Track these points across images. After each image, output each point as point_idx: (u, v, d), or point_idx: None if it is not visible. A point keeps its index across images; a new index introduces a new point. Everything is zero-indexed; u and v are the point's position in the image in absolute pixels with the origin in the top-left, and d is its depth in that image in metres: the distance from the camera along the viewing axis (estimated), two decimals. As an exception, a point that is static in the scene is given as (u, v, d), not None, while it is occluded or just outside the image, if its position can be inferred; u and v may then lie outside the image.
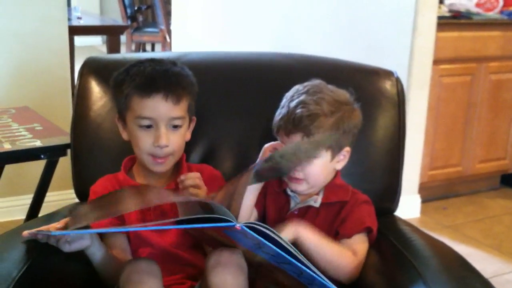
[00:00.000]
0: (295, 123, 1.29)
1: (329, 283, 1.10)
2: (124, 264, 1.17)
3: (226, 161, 1.53)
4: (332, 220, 1.34)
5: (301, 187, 1.33)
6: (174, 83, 1.29)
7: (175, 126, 1.30)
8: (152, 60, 1.33)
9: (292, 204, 1.37)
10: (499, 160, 3.42)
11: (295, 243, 1.22)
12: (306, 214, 1.36)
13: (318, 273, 1.10)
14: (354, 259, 1.29)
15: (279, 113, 1.35)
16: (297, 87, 1.36)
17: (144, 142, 1.29)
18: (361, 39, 3.02)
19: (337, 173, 1.39)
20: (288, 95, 1.36)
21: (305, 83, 1.36)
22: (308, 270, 1.09)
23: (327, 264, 1.26)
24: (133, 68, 1.31)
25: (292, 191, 1.36)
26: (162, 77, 1.28)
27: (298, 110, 1.29)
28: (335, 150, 1.32)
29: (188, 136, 1.37)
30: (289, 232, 1.25)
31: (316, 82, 1.36)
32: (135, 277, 1.12)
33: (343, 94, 1.36)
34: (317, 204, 1.35)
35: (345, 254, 1.29)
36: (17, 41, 2.57)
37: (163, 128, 1.28)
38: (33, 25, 2.58)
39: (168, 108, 1.27)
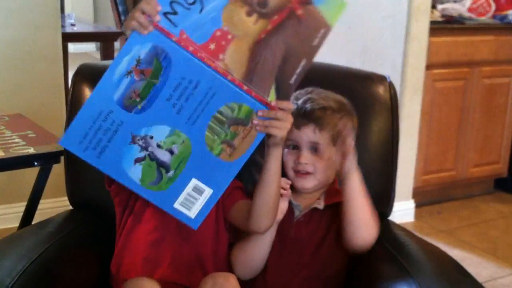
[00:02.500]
0: (307, 115, 1.32)
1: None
2: (125, 284, 1.17)
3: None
4: (336, 221, 1.35)
5: (308, 183, 1.34)
6: None
7: None
8: None
9: (296, 213, 1.38)
10: (493, 164, 3.43)
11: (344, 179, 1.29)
12: (312, 219, 1.37)
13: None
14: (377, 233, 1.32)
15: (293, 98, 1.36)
16: (298, 91, 1.37)
17: None
18: (355, 44, 3.03)
19: (334, 179, 1.40)
20: (292, 96, 1.36)
21: (306, 88, 1.38)
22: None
23: (364, 213, 1.29)
24: None
25: (298, 189, 1.36)
26: None
27: (308, 105, 1.33)
28: (340, 147, 1.34)
29: None
30: (352, 165, 1.29)
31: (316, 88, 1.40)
32: None
33: (343, 98, 1.40)
34: (321, 206, 1.36)
35: (376, 219, 1.32)
36: (11, 48, 2.56)
37: None
38: (27, 32, 2.58)
39: None
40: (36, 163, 1.78)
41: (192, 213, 1.15)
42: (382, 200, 1.54)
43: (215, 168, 1.14)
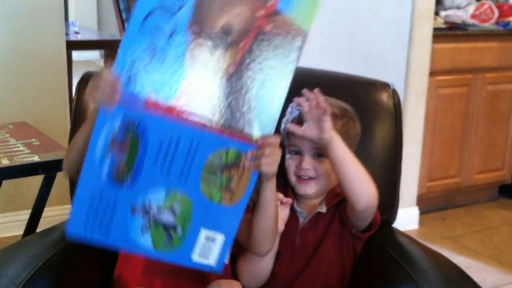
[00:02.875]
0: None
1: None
2: None
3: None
4: (337, 214, 1.37)
5: (311, 189, 1.34)
6: None
7: None
8: None
9: (301, 220, 1.38)
10: (497, 170, 3.42)
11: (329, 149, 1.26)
12: (317, 224, 1.37)
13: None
14: (376, 190, 1.30)
15: (289, 117, 1.37)
16: (302, 98, 1.37)
17: None
18: (359, 51, 3.03)
19: (336, 185, 1.41)
20: (294, 103, 1.36)
21: None
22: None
23: (360, 174, 1.27)
24: None
25: (301, 195, 1.36)
26: None
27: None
28: None
29: None
30: (329, 133, 1.26)
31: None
32: None
33: (346, 105, 1.40)
34: (324, 210, 1.37)
35: (371, 179, 1.30)
36: (15, 56, 2.57)
37: None
38: (31, 40, 2.59)
39: None
40: (40, 171, 1.78)
41: (212, 261, 1.15)
42: (386, 207, 1.54)
43: (220, 215, 1.13)
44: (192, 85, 1.05)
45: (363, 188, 1.28)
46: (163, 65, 1.03)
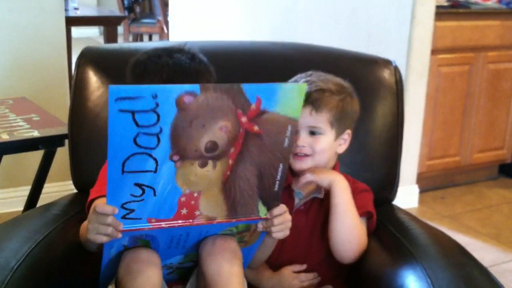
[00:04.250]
0: (304, 98, 1.30)
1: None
2: (122, 253, 1.15)
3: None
4: None
5: (306, 165, 1.33)
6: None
7: None
8: (169, 56, 1.26)
9: (297, 200, 1.37)
10: (497, 150, 3.42)
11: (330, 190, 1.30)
12: (311, 208, 1.36)
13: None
14: (366, 238, 1.32)
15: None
16: (299, 74, 1.37)
17: None
18: (361, 28, 3.01)
19: (336, 164, 1.39)
20: (292, 80, 1.36)
21: (308, 72, 1.37)
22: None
23: (348, 229, 1.29)
24: (151, 64, 1.26)
25: (296, 171, 1.35)
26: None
27: (306, 87, 1.30)
28: (338, 129, 1.33)
29: None
30: (325, 179, 1.29)
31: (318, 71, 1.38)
32: (134, 266, 1.11)
33: (344, 82, 1.38)
34: (321, 195, 1.35)
35: (363, 227, 1.32)
36: (14, 32, 2.56)
37: None
38: (30, 16, 2.57)
39: None
40: (40, 146, 1.78)
41: None
42: (386, 184, 1.54)
43: None
44: (190, 196, 1.07)
45: (343, 247, 1.29)
46: (156, 195, 1.04)
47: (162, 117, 0.95)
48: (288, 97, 1.03)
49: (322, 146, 1.32)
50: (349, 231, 1.29)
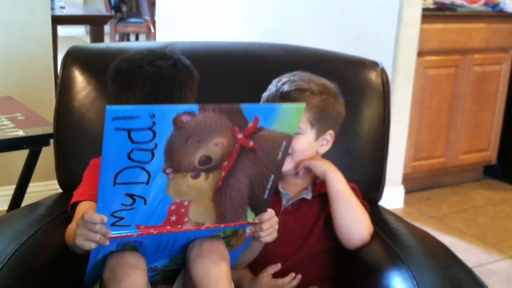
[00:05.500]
0: (283, 96, 1.31)
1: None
2: (108, 256, 1.14)
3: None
4: (325, 210, 1.35)
5: (286, 165, 1.33)
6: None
7: None
8: (150, 64, 1.23)
9: (284, 201, 1.37)
10: (483, 151, 3.45)
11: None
12: (300, 209, 1.36)
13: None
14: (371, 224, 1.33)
15: (267, 93, 1.36)
16: (284, 74, 1.37)
17: None
18: (350, 30, 3.02)
19: None
20: (276, 79, 1.37)
21: (293, 72, 1.37)
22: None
23: (355, 208, 1.31)
24: (132, 76, 1.23)
25: (284, 175, 1.36)
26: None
27: (286, 86, 1.33)
28: (319, 130, 1.33)
29: None
30: (320, 167, 1.32)
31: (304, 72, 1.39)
32: (119, 269, 1.09)
33: (330, 83, 1.38)
34: (309, 196, 1.36)
35: (366, 213, 1.33)
36: (0, 31, 2.53)
37: None
38: (16, 14, 2.55)
39: None
40: (25, 146, 1.77)
41: None
42: (372, 185, 1.54)
43: None
44: (180, 205, 1.06)
45: (354, 228, 1.31)
46: (146, 204, 1.03)
47: (158, 135, 0.95)
48: (286, 116, 1.04)
49: (301, 145, 1.32)
50: (356, 210, 1.31)
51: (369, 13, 2.95)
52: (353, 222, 1.31)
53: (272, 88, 1.35)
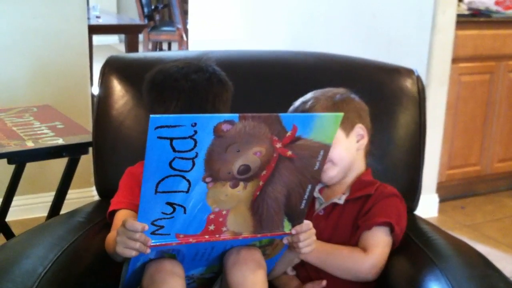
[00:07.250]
0: (304, 112, 1.34)
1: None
2: (147, 264, 1.16)
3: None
4: (356, 216, 1.34)
5: (332, 172, 1.34)
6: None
7: None
8: (185, 79, 1.25)
9: (317, 205, 1.38)
10: (518, 159, 3.39)
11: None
12: (331, 213, 1.36)
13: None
14: (365, 258, 1.28)
15: (292, 108, 1.38)
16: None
17: None
18: (381, 36, 3.01)
19: (367, 170, 1.40)
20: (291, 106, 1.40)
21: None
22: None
23: (338, 270, 1.30)
24: (167, 90, 1.25)
25: (325, 182, 1.36)
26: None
27: (309, 102, 1.35)
28: (344, 127, 1.34)
29: None
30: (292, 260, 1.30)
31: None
32: (158, 276, 1.11)
33: (336, 88, 1.40)
34: (341, 201, 1.35)
35: (355, 255, 1.30)
36: (38, 40, 2.59)
37: None
38: (54, 23, 2.60)
39: None
40: (64, 154, 1.80)
41: None
42: (409, 193, 1.53)
43: None
44: (218, 214, 1.08)
45: (351, 272, 1.30)
46: (186, 213, 1.05)
47: (199, 143, 0.96)
48: (324, 125, 1.04)
49: (338, 152, 1.32)
50: (342, 264, 1.30)
51: (401, 18, 2.93)
52: (349, 271, 1.29)
53: (296, 103, 1.39)
